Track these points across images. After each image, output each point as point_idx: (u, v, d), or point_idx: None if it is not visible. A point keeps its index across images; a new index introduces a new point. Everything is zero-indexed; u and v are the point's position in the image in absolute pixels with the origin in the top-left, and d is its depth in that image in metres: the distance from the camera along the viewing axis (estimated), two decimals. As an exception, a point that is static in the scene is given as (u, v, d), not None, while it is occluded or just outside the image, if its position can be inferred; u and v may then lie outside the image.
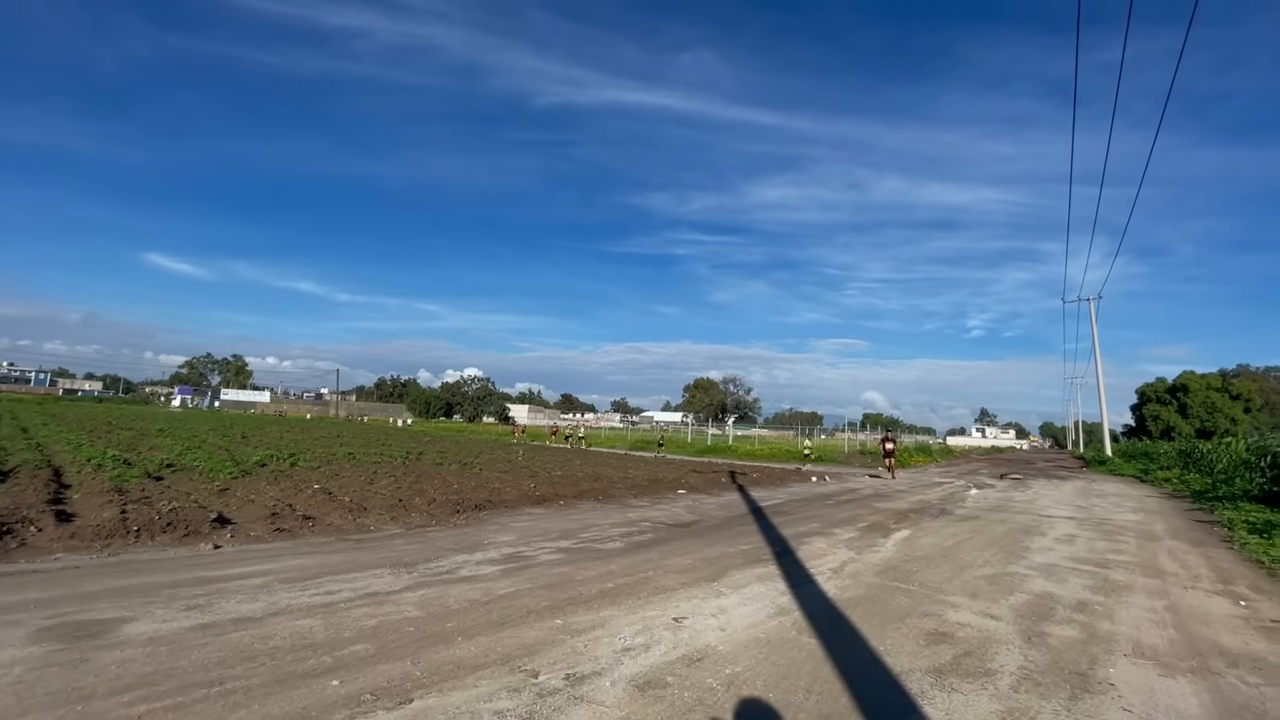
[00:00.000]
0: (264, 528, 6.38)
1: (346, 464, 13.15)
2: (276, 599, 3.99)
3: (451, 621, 3.71)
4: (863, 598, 4.69)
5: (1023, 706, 2.88)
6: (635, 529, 7.59)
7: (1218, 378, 72.30)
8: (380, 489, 9.44)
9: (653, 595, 4.51)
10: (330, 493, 8.64)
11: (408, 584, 4.52)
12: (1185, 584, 5.65)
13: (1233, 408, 67.20)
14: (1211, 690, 3.18)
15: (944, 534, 8.04)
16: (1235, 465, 17.49)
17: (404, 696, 2.67)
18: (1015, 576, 5.65)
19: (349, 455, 15.30)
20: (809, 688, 2.97)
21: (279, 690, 2.67)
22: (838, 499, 12.14)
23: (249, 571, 4.66)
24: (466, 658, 3.15)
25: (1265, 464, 13.90)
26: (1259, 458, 14.90)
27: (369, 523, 7.10)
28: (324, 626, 3.51)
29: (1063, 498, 14.07)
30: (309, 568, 4.87)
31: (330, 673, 2.87)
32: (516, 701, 2.69)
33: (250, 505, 7.39)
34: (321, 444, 19.15)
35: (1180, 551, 7.42)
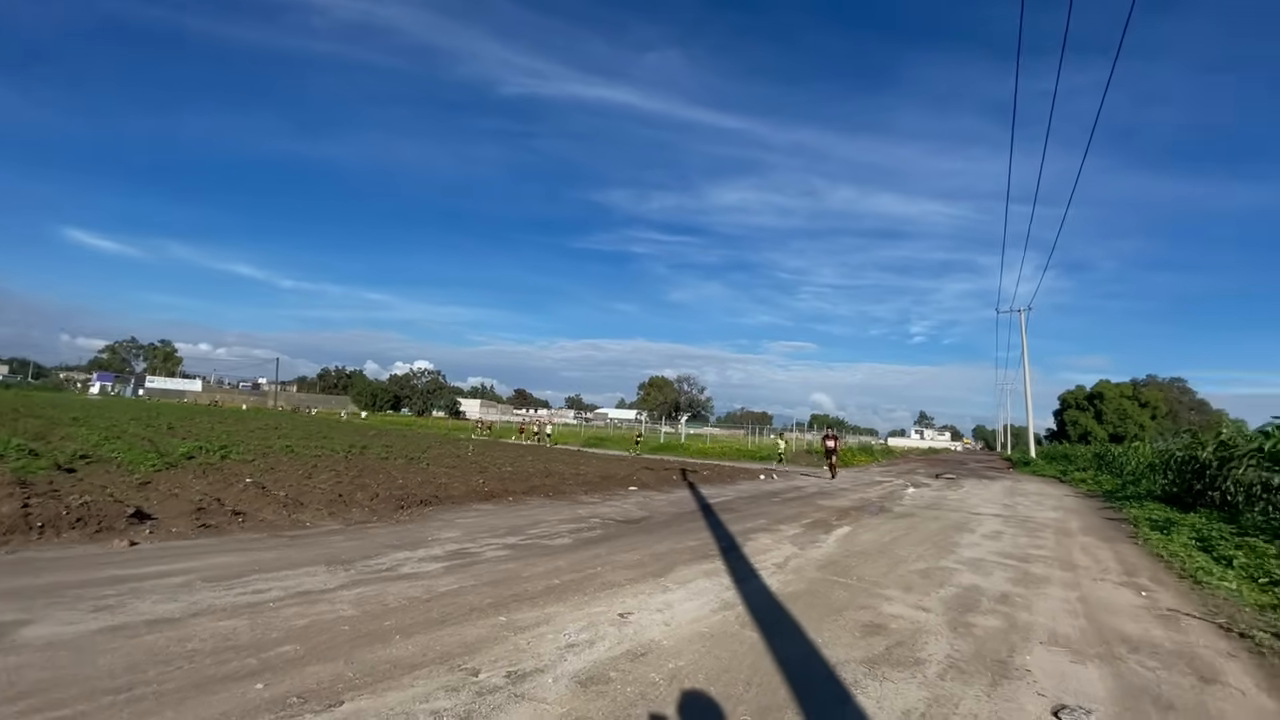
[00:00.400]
0: (188, 524, 5.99)
1: (284, 457, 12.53)
2: (198, 599, 3.76)
3: (389, 620, 3.59)
4: (804, 592, 4.82)
5: (948, 693, 3.02)
6: (585, 525, 7.56)
7: (1129, 387, 78.34)
8: (319, 484, 9.04)
9: (599, 591, 4.50)
10: (264, 487, 8.21)
11: (344, 582, 4.34)
12: (1095, 576, 6.09)
13: (1141, 414, 72.96)
14: (1115, 674, 3.44)
15: (882, 530, 8.37)
16: (1142, 468, 19.00)
17: (334, 699, 2.56)
18: (945, 570, 5.94)
19: (287, 448, 14.59)
20: (749, 680, 3.03)
21: (196, 695, 2.51)
22: (784, 496, 12.45)
23: (168, 570, 4.37)
24: (404, 657, 3.06)
25: (1168, 466, 15.15)
26: (1162, 461, 16.22)
27: (305, 519, 6.79)
28: (250, 627, 3.32)
29: (991, 497, 14.91)
30: (236, 565, 4.60)
31: (254, 675, 2.73)
32: (455, 701, 2.62)
33: (174, 500, 6.93)
34: (257, 436, 18.18)
35: (1092, 547, 7.99)
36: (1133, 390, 77.33)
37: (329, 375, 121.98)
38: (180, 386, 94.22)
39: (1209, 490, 12.20)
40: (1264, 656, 3.89)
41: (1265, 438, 10.61)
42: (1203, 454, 12.82)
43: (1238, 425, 14.83)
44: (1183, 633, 4.32)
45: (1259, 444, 10.68)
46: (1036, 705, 2.95)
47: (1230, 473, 11.38)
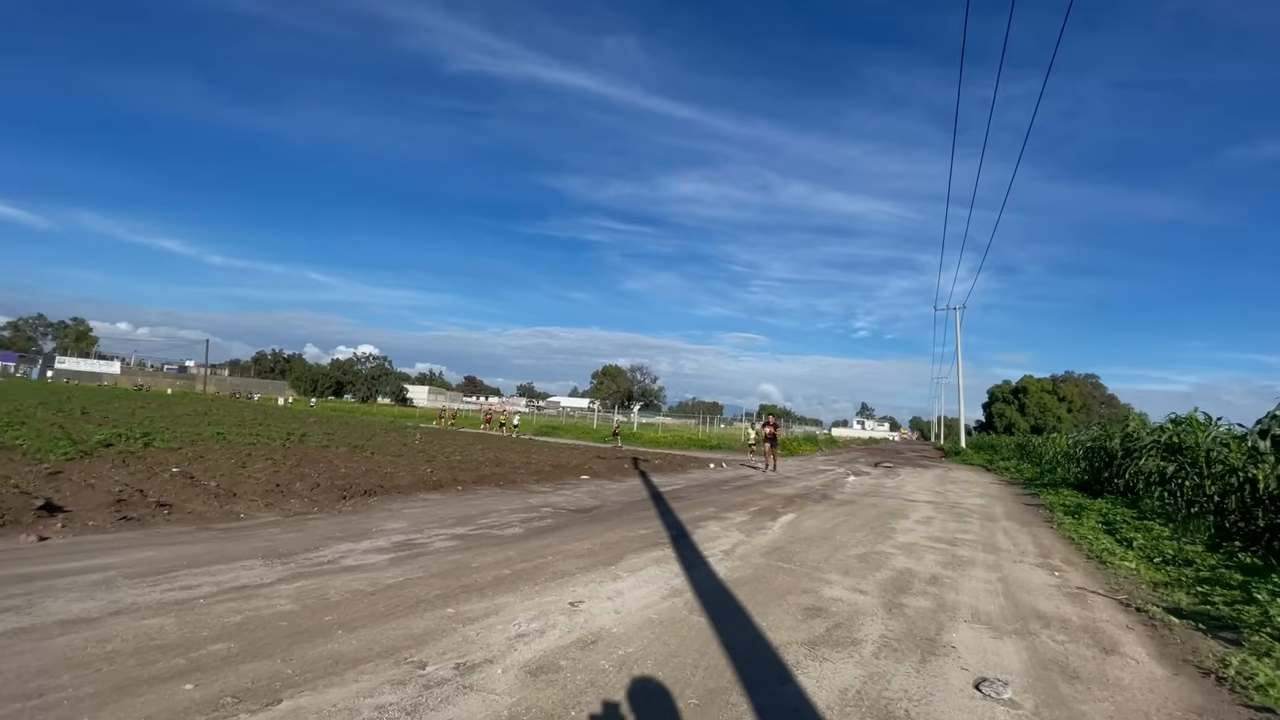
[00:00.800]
0: (106, 516, 5.59)
1: (215, 445, 11.83)
2: (118, 596, 3.53)
3: (331, 614, 3.48)
4: (750, 577, 4.98)
5: (882, 670, 3.21)
6: (536, 515, 7.52)
7: (1050, 382, 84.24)
8: (254, 473, 8.60)
9: (550, 581, 4.50)
10: (192, 477, 7.74)
11: (282, 575, 4.17)
12: (1015, 559, 6.56)
13: (1059, 408, 78.64)
14: (1030, 648, 3.73)
15: (824, 517, 8.72)
16: (1058, 457, 20.51)
17: (272, 697, 2.47)
18: (882, 555, 6.26)
19: (218, 435, 13.77)
20: (696, 664, 3.12)
21: (118, 699, 2.36)
22: (733, 485, 12.76)
23: (85, 566, 4.07)
24: (347, 652, 2.97)
25: (1081, 456, 16.42)
26: (1075, 451, 17.56)
27: (239, 510, 6.46)
28: (178, 625, 3.15)
29: (924, 484, 15.76)
30: (162, 560, 4.34)
31: (183, 676, 2.59)
32: (401, 695, 2.58)
33: (89, 491, 6.44)
34: (185, 422, 17.07)
35: (1013, 530, 8.59)
36: (1052, 385, 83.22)
37: (265, 359, 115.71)
38: (96, 368, 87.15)
39: (1115, 478, 13.31)
40: (1156, 628, 4.31)
41: (1163, 431, 11.64)
42: (1111, 444, 13.96)
43: (1141, 418, 16.21)
44: (1088, 609, 4.72)
45: (1158, 436, 11.71)
46: (960, 679, 3.17)
47: (1134, 462, 12.44)
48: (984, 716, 2.76)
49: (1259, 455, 7.90)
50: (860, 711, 2.72)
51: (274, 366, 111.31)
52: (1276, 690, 3.19)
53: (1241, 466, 8.05)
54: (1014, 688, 3.08)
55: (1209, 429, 10.14)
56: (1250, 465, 7.81)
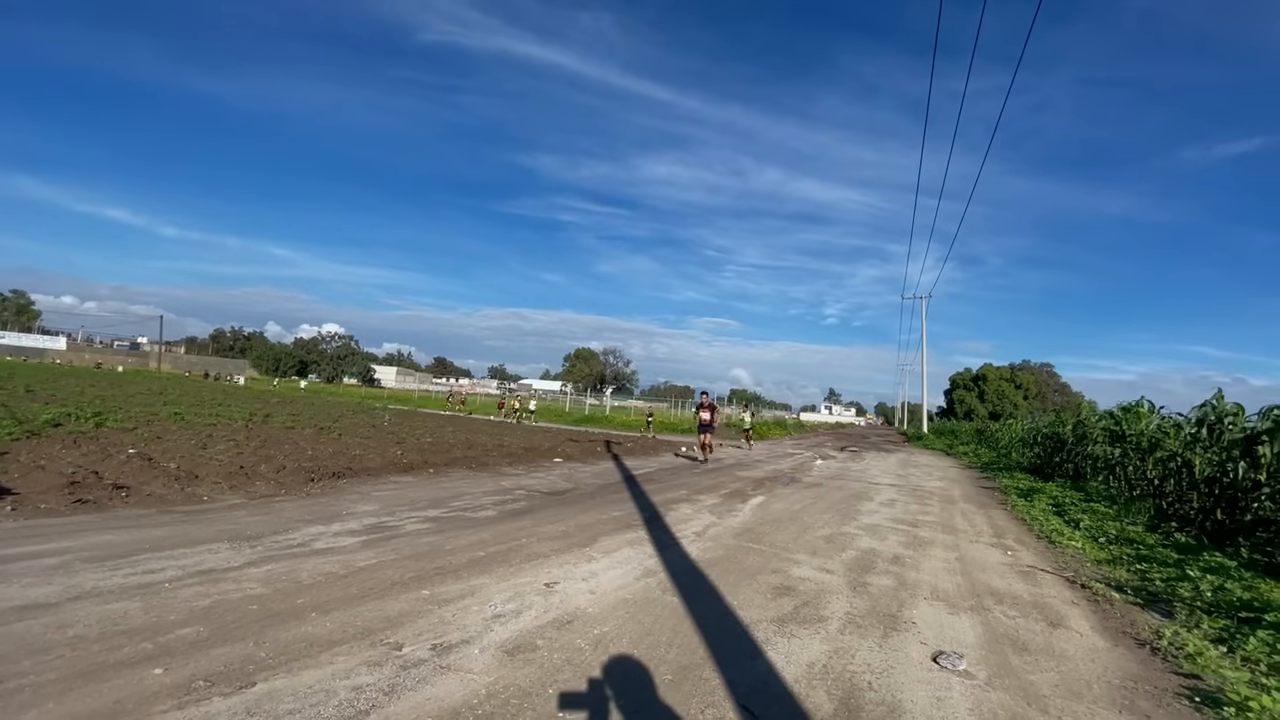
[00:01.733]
0: (59, 499, 5.38)
1: (173, 425, 11.42)
2: (78, 581, 3.42)
3: (303, 597, 3.45)
4: (721, 558, 5.10)
5: (846, 646, 3.35)
6: (510, 497, 7.52)
7: (1008, 370, 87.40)
8: (216, 454, 8.36)
9: (525, 562, 4.54)
10: (150, 458, 7.48)
11: (251, 559, 4.10)
12: (971, 539, 6.87)
13: (1016, 395, 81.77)
14: (984, 623, 3.94)
15: (793, 500, 8.95)
16: (1014, 442, 21.40)
17: (245, 680, 2.45)
18: (848, 536, 6.48)
19: (176, 415, 13.29)
20: (670, 642, 3.21)
21: (83, 684, 2.31)
22: (704, 468, 12.95)
23: (39, 550, 3.93)
24: (321, 634, 2.96)
25: (1035, 441, 17.17)
26: (1030, 437, 18.35)
27: (202, 492, 6.29)
28: (143, 610, 3.08)
29: (888, 468, 16.28)
30: (122, 544, 4.21)
31: (152, 660, 2.55)
32: (378, 675, 2.59)
33: (39, 472, 6.17)
34: (139, 402, 16.40)
35: (970, 512, 8.98)
36: (1010, 373, 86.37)
37: (224, 336, 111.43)
38: (39, 344, 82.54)
39: (1065, 463, 13.99)
40: (1099, 604, 4.60)
41: (1110, 418, 12.26)
42: (1063, 431, 14.64)
43: (1091, 406, 17.03)
44: (1038, 586, 5.00)
45: (1105, 424, 12.33)
46: (919, 653, 3.33)
47: (1083, 448, 13.08)
48: (941, 687, 2.92)
49: (1195, 442, 8.40)
50: (826, 684, 2.85)
51: (234, 344, 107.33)
52: (1204, 659, 3.45)
53: (1180, 453, 8.56)
54: (969, 660, 3.26)
55: (1151, 417, 10.72)
56: (1188, 452, 8.30)
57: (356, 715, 2.27)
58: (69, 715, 2.11)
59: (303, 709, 2.27)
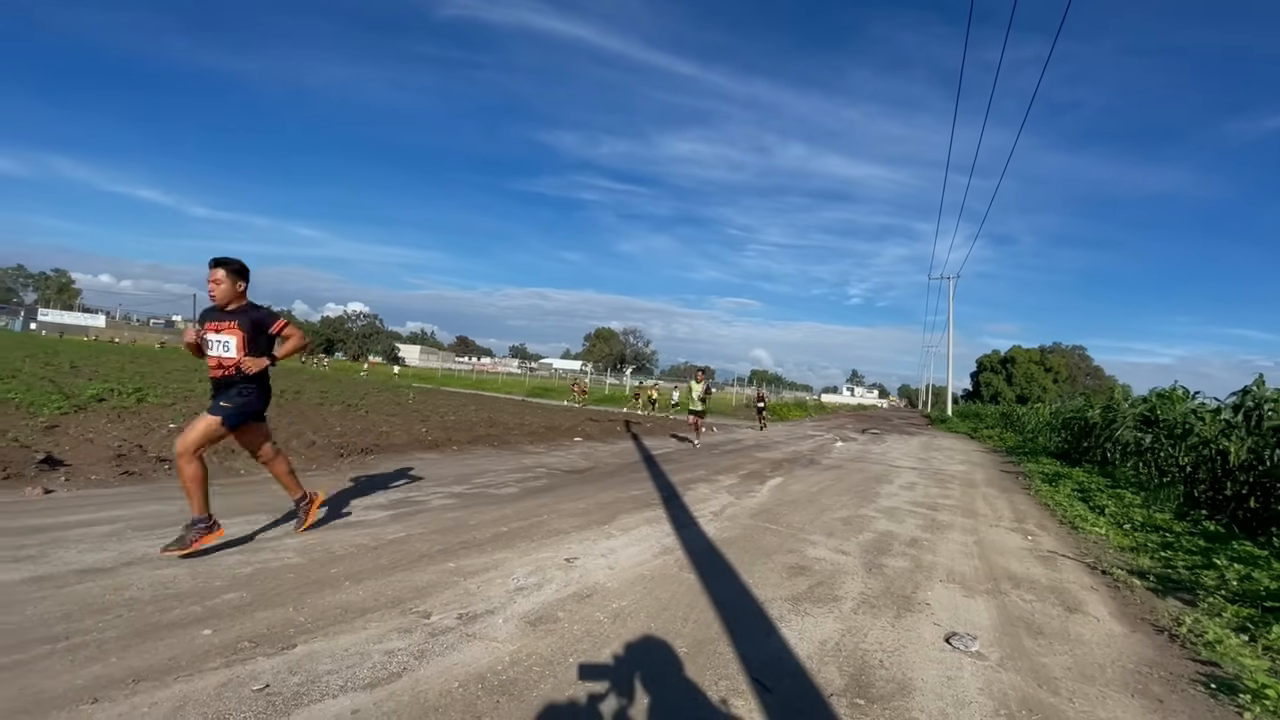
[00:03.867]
0: (108, 470, 5.68)
1: (208, 401, 11.84)
2: (130, 547, 3.65)
3: (337, 567, 3.62)
4: (738, 538, 5.18)
5: (860, 625, 3.42)
6: (531, 475, 7.70)
7: (1037, 353, 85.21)
8: (250, 430, 8.67)
9: (546, 538, 4.68)
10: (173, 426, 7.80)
11: (287, 530, 4.31)
12: (991, 523, 6.84)
13: (1045, 378, 79.84)
14: (999, 606, 3.96)
15: (811, 481, 8.98)
16: (1040, 427, 21.00)
17: (287, 642, 2.62)
18: (865, 518, 6.50)
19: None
20: (686, 617, 3.31)
21: (140, 642, 2.50)
22: (723, 449, 13.03)
23: (93, 519, 4.18)
24: (354, 602, 3.13)
25: (1062, 425, 16.84)
26: (1058, 421, 17.99)
27: (238, 466, 6.56)
28: (190, 575, 3.28)
29: (909, 451, 16.15)
30: (168, 514, 4.46)
31: (201, 622, 2.73)
32: (408, 641, 2.74)
33: (88, 445, 6.51)
34: (175, 378, 17.01)
35: (991, 496, 8.91)
36: (1040, 356, 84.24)
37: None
38: (80, 321, 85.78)
39: (1093, 448, 13.71)
40: (1119, 590, 4.57)
41: (1143, 403, 11.96)
42: (1092, 415, 14.33)
43: (1124, 390, 16.60)
44: (1057, 571, 4.98)
45: (1137, 408, 12.03)
46: (932, 633, 3.38)
47: (1112, 433, 12.80)
48: (952, 667, 2.97)
49: (1231, 428, 8.17)
50: (838, 661, 2.92)
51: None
52: (1223, 647, 3.44)
53: (1214, 439, 8.35)
54: (982, 642, 3.30)
55: (1186, 402, 10.43)
56: (1223, 438, 8.09)
57: (390, 677, 2.41)
58: (130, 669, 2.29)
59: (340, 670, 2.43)
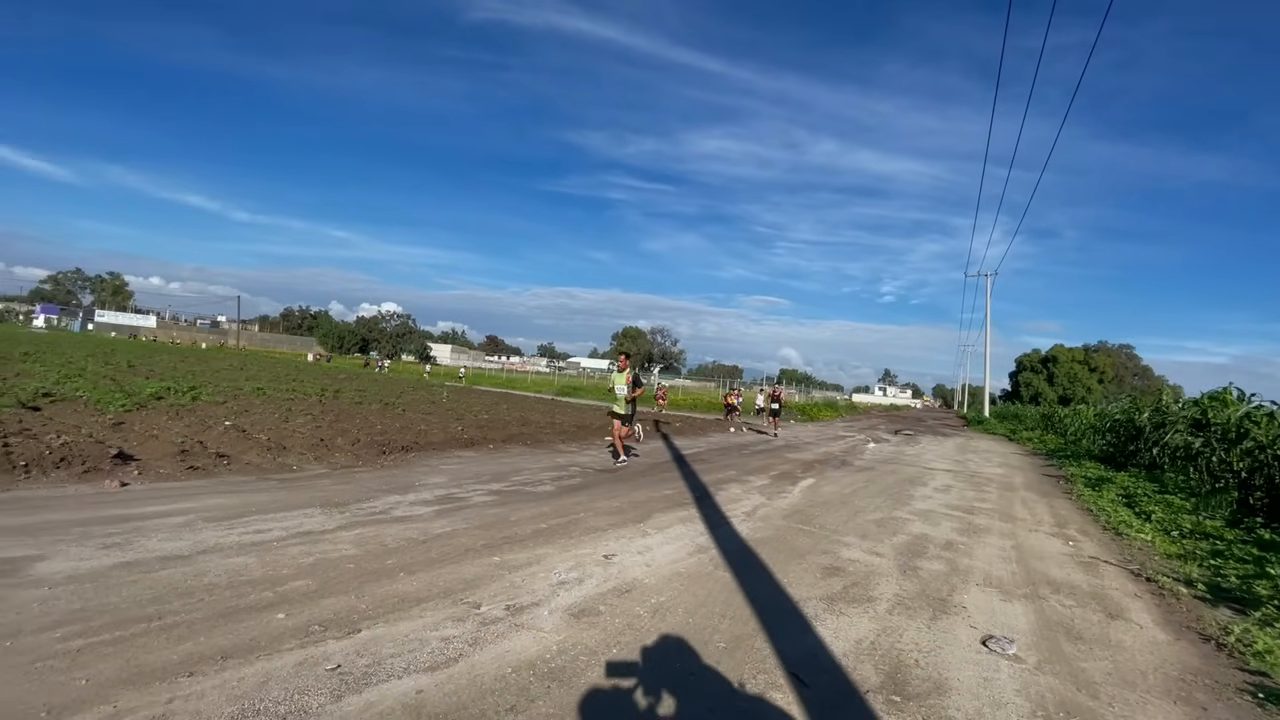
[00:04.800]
0: (174, 465, 6.07)
1: (256, 400, 12.43)
2: (203, 537, 3.93)
3: (391, 559, 3.84)
4: (771, 538, 5.25)
5: (894, 625, 3.46)
6: (565, 473, 7.88)
7: (1081, 352, 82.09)
8: (298, 427, 9.10)
9: (584, 535, 4.83)
10: (244, 430, 8.25)
11: (341, 523, 4.56)
12: (1031, 528, 6.73)
13: (1090, 379, 76.88)
14: (1037, 611, 3.95)
15: (843, 483, 8.95)
16: (1084, 429, 20.32)
17: (352, 627, 2.82)
18: (899, 520, 6.48)
19: (258, 390, 14.42)
20: (723, 613, 3.41)
21: (223, 624, 2.73)
22: (753, 449, 13.03)
23: (167, 510, 4.50)
24: (409, 592, 3.32)
25: (1107, 428, 16.28)
26: (1103, 423, 17.40)
27: (290, 462, 6.92)
28: (260, 564, 3.53)
29: (944, 453, 15.86)
30: (233, 507, 4.76)
31: (273, 607, 2.96)
32: (462, 629, 2.91)
33: (154, 441, 6.95)
34: (224, 377, 17.84)
35: (1031, 500, 8.73)
36: (1084, 355, 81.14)
37: (293, 315, 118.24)
38: (133, 322, 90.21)
39: (1141, 452, 13.24)
40: (1164, 597, 4.49)
41: (1194, 406, 11.51)
42: (1140, 418, 13.83)
43: (1175, 391, 15.95)
44: (1099, 577, 4.91)
45: (1188, 411, 11.59)
46: (968, 635, 3.41)
47: (1161, 436, 12.35)
48: (988, 668, 3.00)
49: (1289, 433, 7.84)
50: (874, 659, 2.99)
51: (301, 322, 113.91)
52: (1273, 657, 3.37)
53: (1271, 443, 8.02)
54: (1019, 645, 3.31)
55: (1240, 405, 10.02)
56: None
57: (448, 661, 2.58)
58: (217, 647, 2.51)
59: (402, 653, 2.61)
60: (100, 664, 2.31)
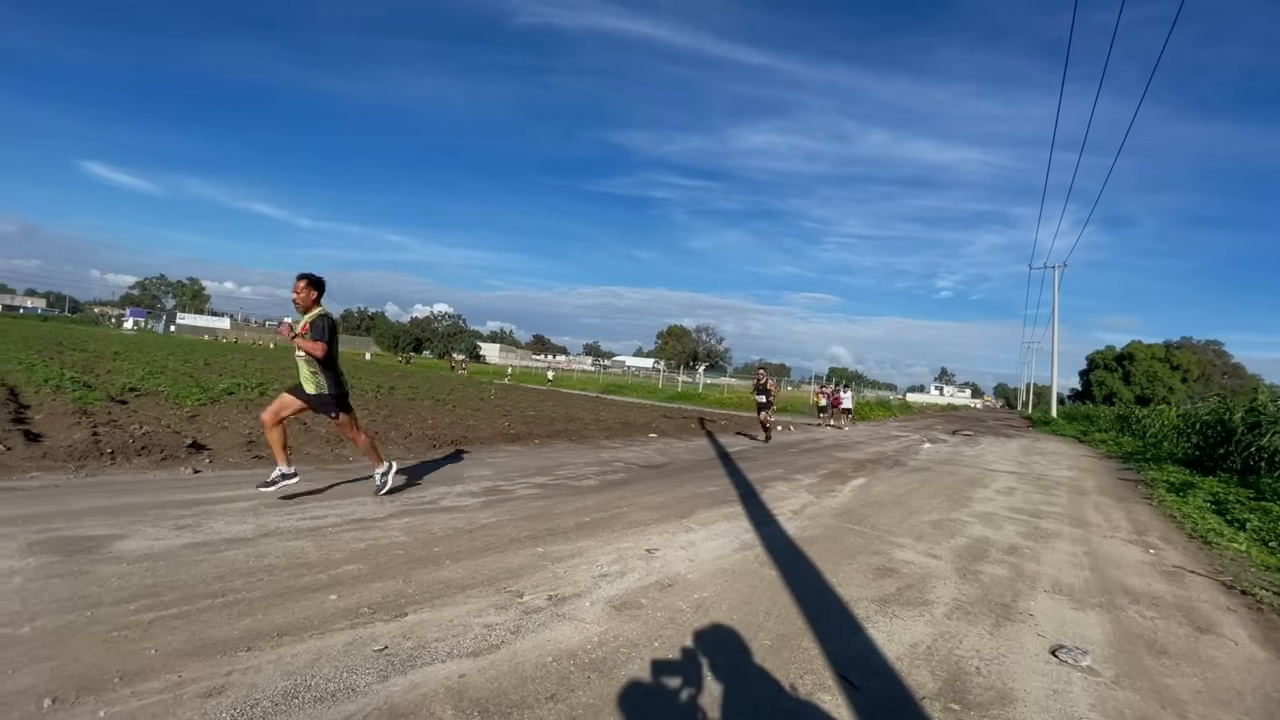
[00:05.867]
0: (241, 455, 6.42)
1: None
2: (265, 521, 4.13)
3: (438, 547, 3.92)
4: (820, 537, 5.08)
5: (952, 631, 3.27)
6: (609, 468, 7.89)
7: (1162, 348, 76.25)
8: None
9: (627, 529, 4.80)
10: (305, 423, 8.65)
11: (392, 512, 4.70)
12: (1105, 534, 6.26)
13: (1172, 377, 71.31)
14: (1114, 621, 3.65)
15: (897, 483, 8.60)
16: (1166, 430, 18.84)
17: (399, 611, 2.88)
18: (957, 522, 6.16)
19: (319, 387, 15.14)
20: (768, 611, 3.30)
21: (281, 603, 2.84)
22: (801, 448, 12.72)
23: (233, 495, 4.76)
24: (455, 579, 3.38)
25: (1193, 430, 15.03)
26: (1188, 424, 16.07)
27: (347, 454, 7.21)
28: (315, 548, 3.67)
29: (1007, 454, 15.03)
30: (293, 494, 4.98)
31: (327, 589, 3.06)
32: (504, 617, 2.93)
33: (224, 432, 7.38)
34: (290, 374, 18.83)
35: (1105, 505, 8.14)
36: (1165, 352, 75.34)
37: (352, 316, 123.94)
38: (210, 324, 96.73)
39: (1232, 455, 12.15)
40: (1262, 612, 4.07)
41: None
42: (1232, 419, 12.70)
43: (1272, 390, 14.52)
44: (1185, 588, 4.50)
45: (1289, 411, 10.54)
46: (1036, 644, 3.18)
47: (1256, 438, 11.29)
48: (1059, 680, 2.79)
49: None
50: (930, 665, 2.82)
51: (360, 324, 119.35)
52: (1399, 682, 2.99)
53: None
54: (1093, 657, 3.06)
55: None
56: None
57: (490, 648, 2.60)
58: (274, 624, 2.61)
59: (447, 638, 2.64)
60: (168, 635, 2.44)
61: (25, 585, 2.79)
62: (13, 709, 1.91)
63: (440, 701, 2.17)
